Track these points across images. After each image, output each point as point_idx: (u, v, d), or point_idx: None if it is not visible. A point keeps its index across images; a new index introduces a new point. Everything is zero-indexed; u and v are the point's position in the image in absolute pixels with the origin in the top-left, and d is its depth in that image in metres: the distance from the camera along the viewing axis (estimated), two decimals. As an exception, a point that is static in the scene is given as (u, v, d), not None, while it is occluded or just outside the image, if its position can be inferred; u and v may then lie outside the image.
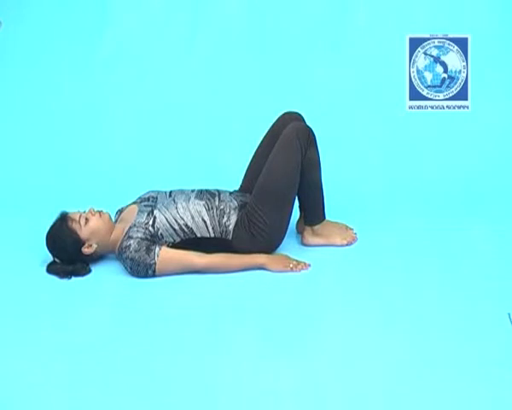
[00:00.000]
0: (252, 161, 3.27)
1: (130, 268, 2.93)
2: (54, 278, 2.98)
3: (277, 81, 4.20)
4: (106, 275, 2.99)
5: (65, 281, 2.95)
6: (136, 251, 2.90)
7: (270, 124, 3.28)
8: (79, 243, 2.96)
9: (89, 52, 4.27)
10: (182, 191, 3.11)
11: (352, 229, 3.25)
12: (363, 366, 2.34)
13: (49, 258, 3.03)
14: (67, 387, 2.29)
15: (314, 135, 3.06)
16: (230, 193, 3.14)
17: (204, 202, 3.02)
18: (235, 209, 3.03)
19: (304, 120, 3.23)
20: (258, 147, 3.26)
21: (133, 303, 2.78)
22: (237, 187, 3.29)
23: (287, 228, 3.07)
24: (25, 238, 3.28)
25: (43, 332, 2.58)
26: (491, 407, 2.15)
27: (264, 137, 3.26)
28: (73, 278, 2.96)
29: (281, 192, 3.00)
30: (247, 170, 3.28)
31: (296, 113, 3.25)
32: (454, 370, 2.30)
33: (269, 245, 3.04)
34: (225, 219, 3.00)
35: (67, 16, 4.31)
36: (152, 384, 2.27)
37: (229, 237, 3.00)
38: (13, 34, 4.28)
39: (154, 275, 2.92)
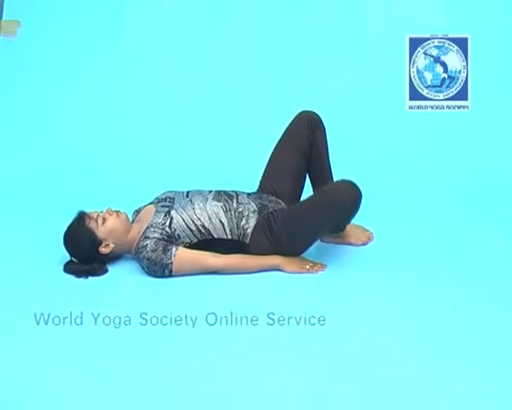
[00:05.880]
0: (269, 161, 3.25)
1: (147, 268, 2.92)
2: (71, 278, 2.96)
3: (277, 81, 4.21)
4: (123, 275, 2.99)
5: (82, 280, 2.94)
6: (152, 251, 2.89)
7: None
8: (97, 242, 2.95)
9: (106, 53, 4.27)
10: (199, 192, 3.09)
11: (368, 230, 3.23)
12: (379, 370, 2.33)
13: (67, 257, 3.02)
14: (82, 385, 2.27)
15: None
16: (248, 195, 3.12)
17: (222, 204, 3.00)
18: (254, 212, 3.01)
19: (320, 119, 3.22)
20: (276, 147, 3.24)
21: (149, 303, 2.76)
22: (251, 187, 3.26)
23: (309, 247, 3.06)
24: (42, 238, 3.26)
25: (59, 331, 2.56)
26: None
27: (282, 137, 3.24)
28: (90, 278, 2.95)
29: (312, 238, 3.02)
30: (265, 171, 3.25)
31: (313, 112, 3.24)
32: (469, 373, 2.30)
33: (287, 255, 3.01)
34: (244, 222, 2.98)
35: (85, 18, 4.32)
36: (166, 385, 2.27)
37: (247, 240, 2.98)
38: (30, 35, 4.28)
39: (170, 275, 2.91)
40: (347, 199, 2.89)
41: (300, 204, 3.05)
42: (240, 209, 3.00)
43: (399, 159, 3.99)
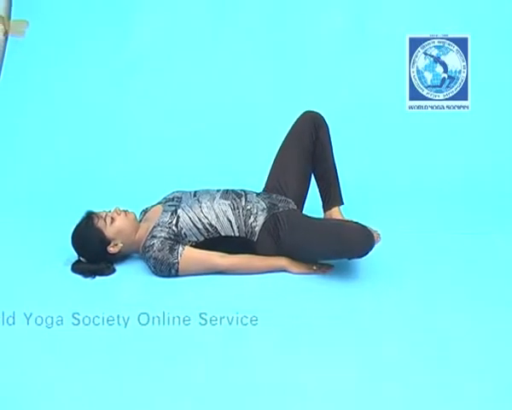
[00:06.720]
0: (275, 161, 3.25)
1: (154, 267, 2.91)
2: (78, 278, 2.95)
3: (280, 82, 4.24)
4: (130, 274, 2.97)
5: (89, 280, 2.92)
6: (159, 250, 2.88)
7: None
8: (105, 242, 2.94)
9: (113, 54, 4.30)
10: (207, 191, 3.09)
11: (376, 231, 3.21)
12: (384, 373, 2.31)
13: (74, 257, 3.01)
14: (82, 386, 2.26)
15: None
16: (257, 194, 3.11)
17: (229, 202, 2.99)
18: (263, 210, 3.00)
19: (324, 119, 3.23)
20: (281, 147, 3.25)
21: (156, 302, 2.73)
22: (257, 187, 3.24)
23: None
24: (50, 238, 3.24)
25: (64, 331, 2.55)
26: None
27: (286, 137, 3.24)
28: (97, 278, 2.94)
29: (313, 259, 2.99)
30: (271, 171, 3.25)
31: (316, 112, 3.25)
32: (470, 374, 2.28)
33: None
34: (252, 219, 2.97)
35: (92, 18, 4.35)
36: (175, 386, 2.25)
37: (255, 238, 2.96)
38: (38, 35, 4.30)
39: (176, 275, 2.91)
40: (361, 252, 2.83)
41: (310, 224, 2.96)
42: (248, 207, 2.99)
43: (399, 159, 4.01)
